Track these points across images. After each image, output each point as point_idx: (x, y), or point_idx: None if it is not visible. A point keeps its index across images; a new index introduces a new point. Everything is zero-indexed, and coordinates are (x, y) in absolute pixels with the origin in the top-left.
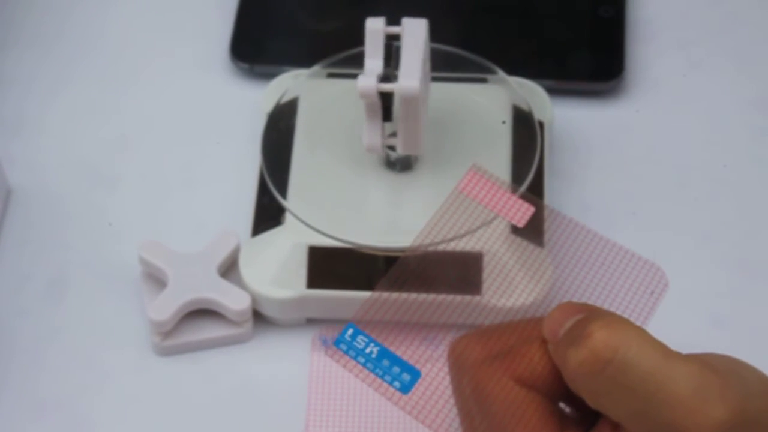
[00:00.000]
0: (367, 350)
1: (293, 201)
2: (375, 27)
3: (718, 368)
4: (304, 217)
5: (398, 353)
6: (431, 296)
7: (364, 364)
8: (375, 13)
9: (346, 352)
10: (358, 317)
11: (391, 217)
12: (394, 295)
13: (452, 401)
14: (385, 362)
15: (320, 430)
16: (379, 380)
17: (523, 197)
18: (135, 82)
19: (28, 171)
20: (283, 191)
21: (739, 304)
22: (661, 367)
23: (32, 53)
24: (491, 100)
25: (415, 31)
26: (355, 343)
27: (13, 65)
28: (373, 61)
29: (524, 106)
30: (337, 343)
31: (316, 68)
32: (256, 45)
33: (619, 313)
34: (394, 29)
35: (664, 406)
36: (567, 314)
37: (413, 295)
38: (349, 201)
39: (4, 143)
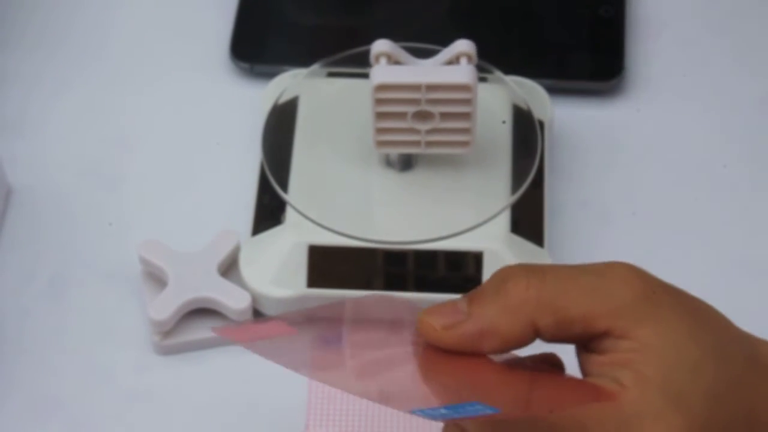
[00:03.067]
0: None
1: (294, 196)
2: (458, 48)
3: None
4: (304, 210)
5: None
6: (431, 296)
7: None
8: (375, 13)
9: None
10: (357, 317)
11: (391, 214)
12: (393, 294)
13: None
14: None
15: (321, 430)
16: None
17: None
18: (135, 82)
19: (29, 171)
20: (284, 188)
21: (739, 304)
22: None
23: (33, 54)
24: (491, 99)
25: (455, 72)
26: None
27: (14, 66)
28: (435, 58)
29: (524, 106)
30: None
31: (314, 67)
32: (257, 45)
33: None
34: (463, 58)
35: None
36: (445, 314)
37: (413, 295)
38: (350, 197)
39: (6, 143)
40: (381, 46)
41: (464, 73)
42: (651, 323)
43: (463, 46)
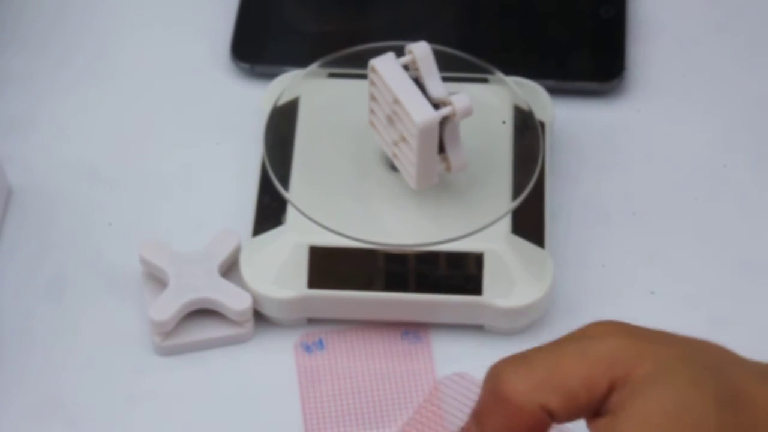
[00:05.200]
0: None
1: (295, 197)
2: (454, 98)
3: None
4: (306, 211)
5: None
6: (431, 296)
7: None
8: (375, 14)
9: None
10: (358, 318)
11: (391, 215)
12: (394, 294)
13: None
14: None
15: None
16: None
17: None
18: (136, 82)
19: (28, 171)
20: (285, 188)
21: (739, 304)
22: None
23: (33, 54)
24: (492, 100)
25: (419, 108)
26: None
27: (15, 66)
28: (445, 90)
29: (525, 107)
30: None
31: (312, 67)
32: (257, 45)
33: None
34: (447, 107)
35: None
36: None
37: (414, 295)
38: (351, 198)
39: (6, 143)
40: (417, 46)
41: (423, 113)
42: (650, 358)
43: (458, 99)
